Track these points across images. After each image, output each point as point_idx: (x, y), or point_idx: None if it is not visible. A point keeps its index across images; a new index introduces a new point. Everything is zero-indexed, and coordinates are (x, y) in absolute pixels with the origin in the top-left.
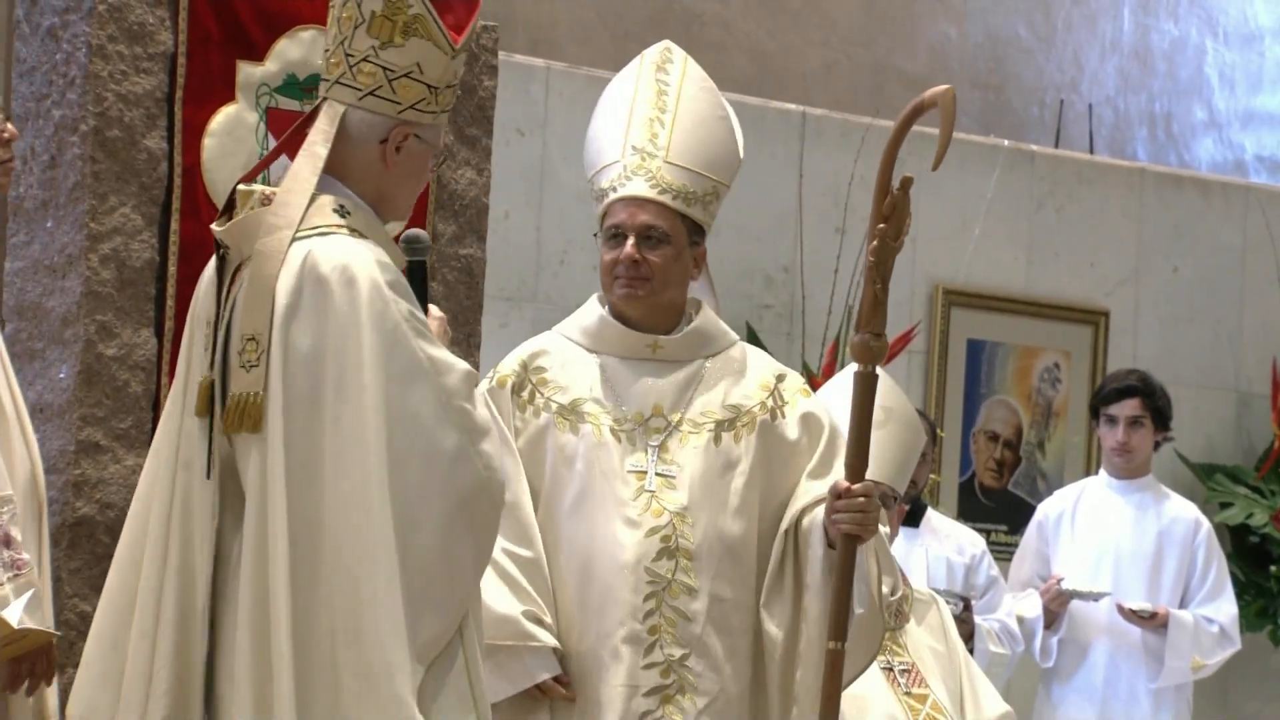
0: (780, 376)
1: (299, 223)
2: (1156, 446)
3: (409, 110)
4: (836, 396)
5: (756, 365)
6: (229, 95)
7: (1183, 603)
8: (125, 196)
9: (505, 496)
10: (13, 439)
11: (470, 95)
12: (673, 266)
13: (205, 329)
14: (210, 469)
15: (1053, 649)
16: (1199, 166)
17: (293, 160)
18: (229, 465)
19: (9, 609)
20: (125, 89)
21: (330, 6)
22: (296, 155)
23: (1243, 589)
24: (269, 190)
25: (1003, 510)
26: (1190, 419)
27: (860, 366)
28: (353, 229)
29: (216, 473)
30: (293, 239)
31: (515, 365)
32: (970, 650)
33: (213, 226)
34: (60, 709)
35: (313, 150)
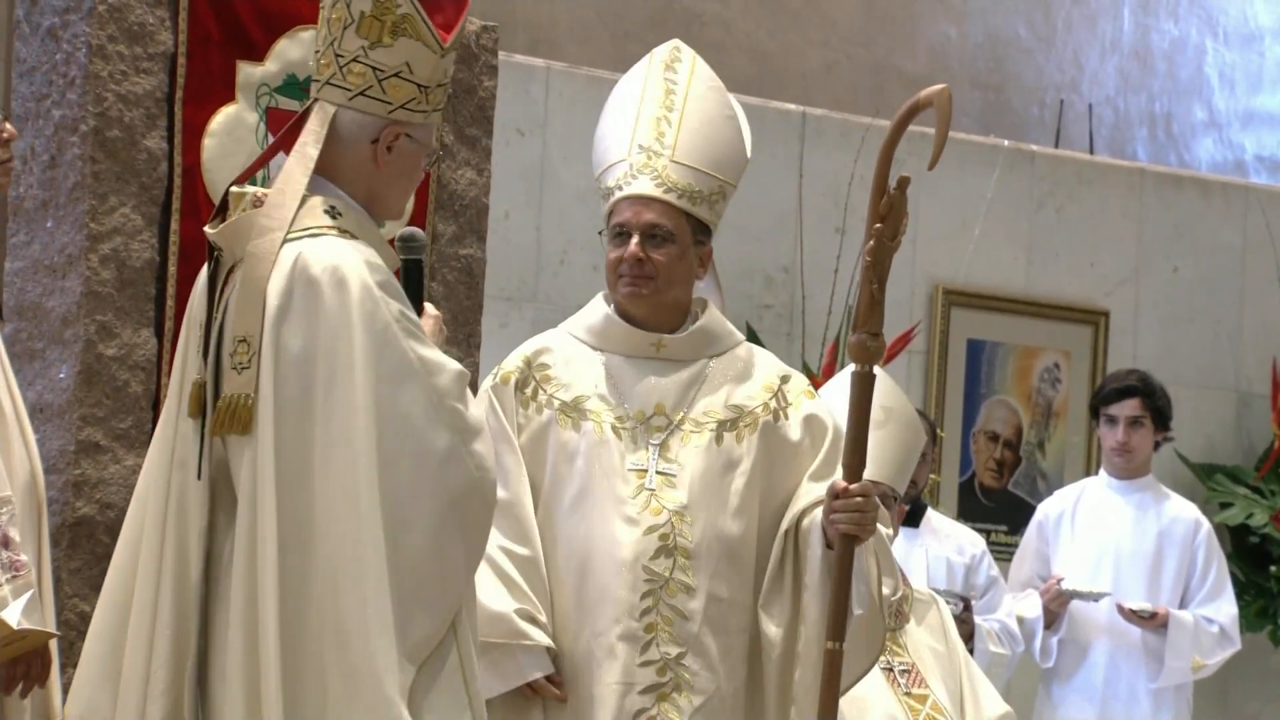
0: (785, 378)
1: (290, 224)
2: (1156, 446)
3: (399, 110)
4: (836, 397)
5: (761, 366)
6: (229, 95)
7: (1183, 603)
8: (125, 196)
9: (503, 494)
10: (12, 440)
11: (470, 95)
12: (677, 265)
13: (199, 330)
14: (202, 470)
15: (1053, 649)
16: (1199, 166)
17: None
18: (223, 466)
19: (8, 610)
20: (125, 89)
21: (320, 7)
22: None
23: (1243, 589)
24: (261, 192)
25: (1003, 510)
26: (1190, 419)
27: (858, 366)
28: (343, 230)
29: (208, 473)
30: (283, 241)
31: (519, 362)
32: (970, 650)
33: (206, 229)
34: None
35: (304, 151)
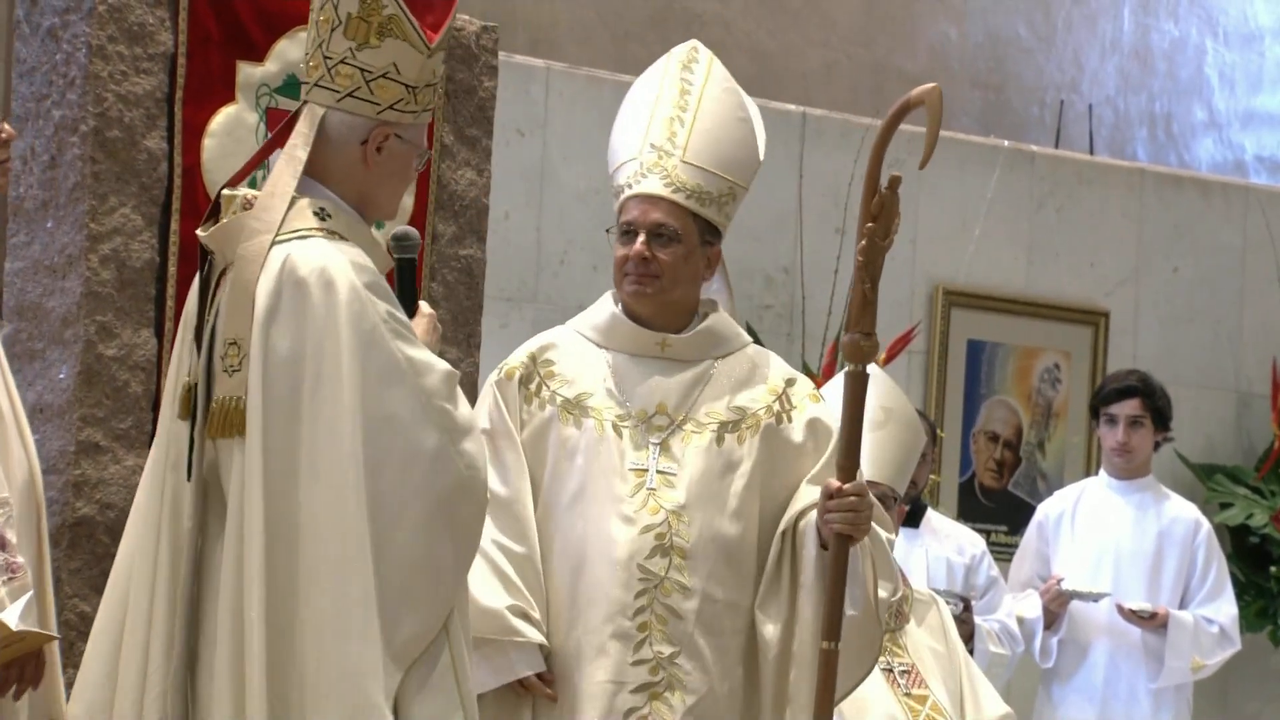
0: (790, 381)
1: (278, 227)
2: (1156, 447)
3: (388, 110)
4: (835, 397)
5: (767, 369)
6: (229, 95)
7: (1182, 603)
8: (125, 197)
9: (503, 490)
10: (10, 441)
11: (470, 95)
12: (682, 265)
13: (192, 332)
14: (191, 471)
15: (1053, 649)
16: (1199, 167)
17: None
18: (215, 468)
19: (6, 612)
20: (125, 89)
21: (310, 9)
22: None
23: (1243, 589)
24: (251, 194)
25: (1003, 511)
26: (1190, 419)
27: (851, 366)
28: (332, 232)
29: (198, 475)
30: (272, 243)
31: (524, 357)
32: (970, 651)
33: (198, 232)
34: None
35: (293, 154)
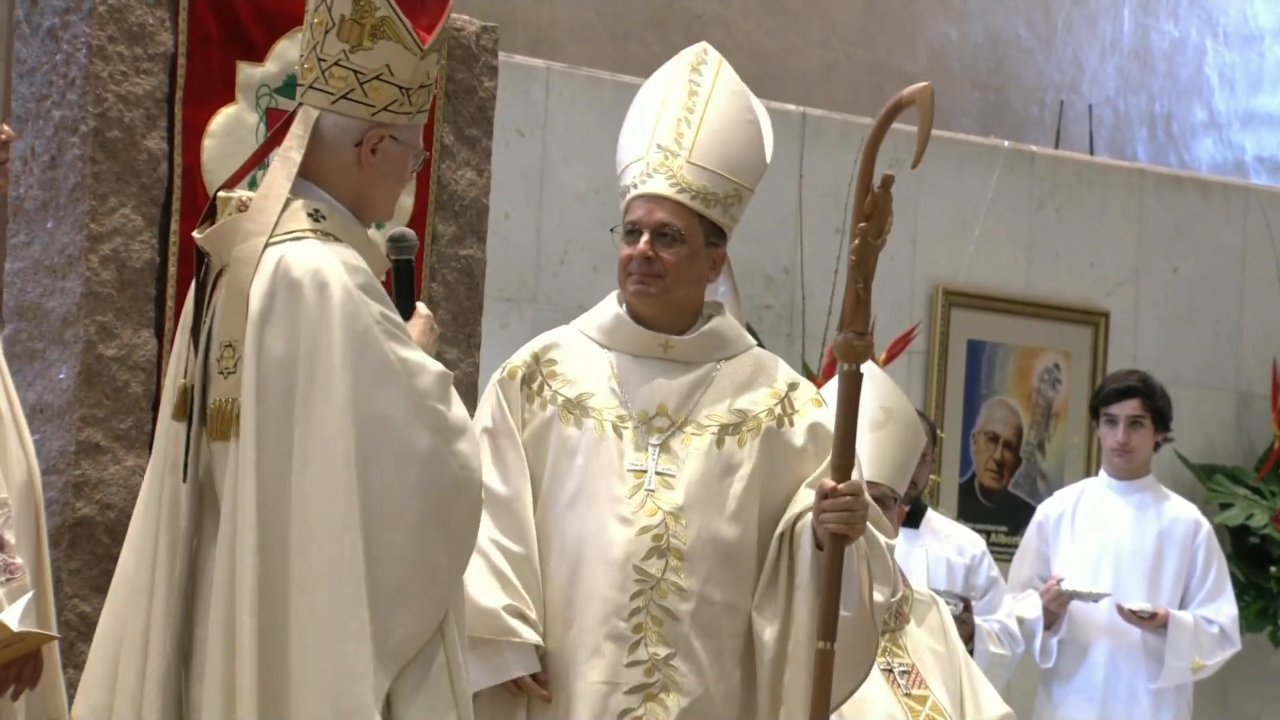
0: (793, 385)
1: (273, 228)
2: (1156, 447)
3: (382, 112)
4: (834, 398)
5: (770, 372)
6: (229, 96)
7: (1182, 603)
8: (125, 197)
9: (503, 489)
10: (9, 441)
11: (470, 95)
12: (686, 266)
13: (189, 334)
14: (187, 473)
15: (1053, 649)
16: (1199, 167)
17: None
18: (211, 470)
19: (7, 612)
20: (125, 89)
21: (305, 11)
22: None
23: (1243, 590)
24: (246, 196)
25: (1003, 511)
26: (1190, 419)
27: (845, 365)
28: (326, 233)
29: (194, 477)
30: (266, 245)
31: (527, 357)
32: (970, 651)
33: (194, 234)
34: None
35: (287, 156)
